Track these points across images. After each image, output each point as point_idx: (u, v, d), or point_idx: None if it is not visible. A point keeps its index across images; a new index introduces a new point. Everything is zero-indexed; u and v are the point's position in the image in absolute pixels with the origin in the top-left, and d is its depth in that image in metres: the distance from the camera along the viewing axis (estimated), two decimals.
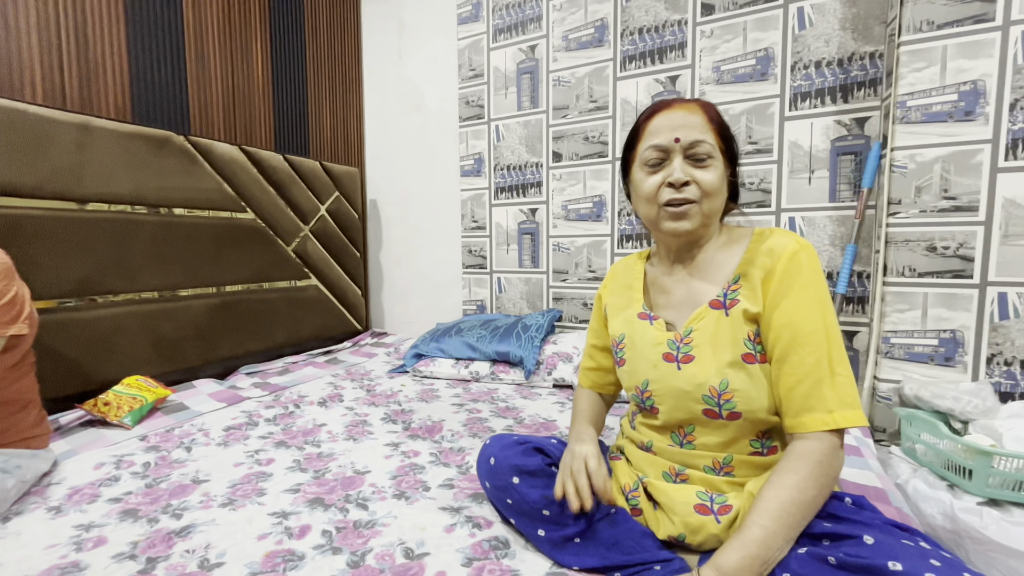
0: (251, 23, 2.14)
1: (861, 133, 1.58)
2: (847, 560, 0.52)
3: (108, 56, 1.66)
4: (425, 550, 0.78)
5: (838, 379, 0.64)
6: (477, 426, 1.33)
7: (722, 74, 1.77)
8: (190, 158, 1.74)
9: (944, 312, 1.31)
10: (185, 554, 0.78)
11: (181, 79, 1.88)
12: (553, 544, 0.73)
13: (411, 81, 2.54)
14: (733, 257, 0.73)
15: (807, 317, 0.65)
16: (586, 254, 2.09)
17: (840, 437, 0.63)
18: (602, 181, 2.04)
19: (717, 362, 0.69)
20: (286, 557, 0.77)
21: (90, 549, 0.79)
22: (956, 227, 1.29)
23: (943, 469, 1.09)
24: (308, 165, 2.24)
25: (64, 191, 1.41)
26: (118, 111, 1.69)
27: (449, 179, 2.45)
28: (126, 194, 1.55)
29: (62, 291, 1.41)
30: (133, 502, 0.94)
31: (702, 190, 0.70)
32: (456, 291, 2.48)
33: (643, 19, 1.90)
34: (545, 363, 1.74)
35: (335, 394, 1.62)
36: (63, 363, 1.40)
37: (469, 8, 2.28)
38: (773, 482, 0.62)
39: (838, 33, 1.59)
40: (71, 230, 1.42)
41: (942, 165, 1.29)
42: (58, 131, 1.39)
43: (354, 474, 1.05)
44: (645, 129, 0.74)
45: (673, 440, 0.75)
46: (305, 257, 2.23)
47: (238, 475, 1.05)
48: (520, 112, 2.19)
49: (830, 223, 1.64)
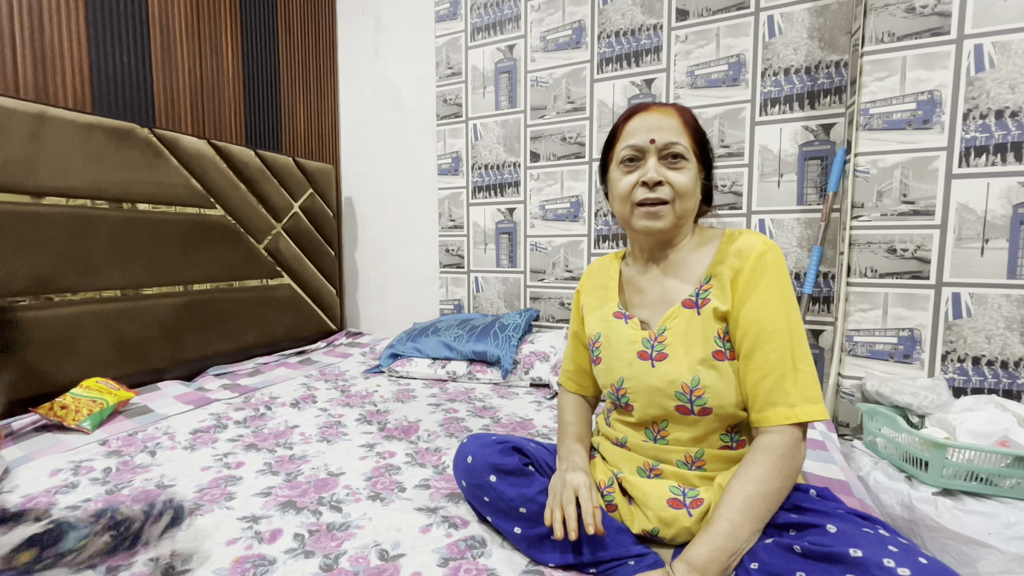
0: (221, 13, 2.08)
1: (827, 139, 1.64)
2: (811, 548, 0.54)
3: (66, 43, 1.58)
4: (400, 551, 0.77)
5: (800, 375, 0.66)
6: (454, 426, 1.33)
7: (696, 78, 1.81)
8: (154, 151, 1.67)
9: (903, 311, 1.37)
10: (148, 563, 0.75)
11: (146, 69, 1.81)
12: (529, 542, 0.74)
13: (388, 78, 2.51)
14: (705, 257, 0.75)
15: (772, 314, 0.67)
16: (563, 254, 2.11)
17: (803, 430, 0.66)
18: (579, 182, 2.05)
19: (689, 360, 0.71)
20: (256, 562, 0.75)
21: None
22: (914, 230, 1.35)
23: (901, 461, 1.14)
24: (281, 161, 2.19)
25: (17, 183, 1.34)
26: (77, 101, 1.61)
27: (426, 178, 2.43)
28: (84, 187, 1.48)
29: (14, 289, 1.34)
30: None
31: (675, 191, 0.72)
32: (433, 290, 2.46)
33: (620, 22, 1.92)
34: (522, 362, 1.74)
35: (308, 395, 1.59)
36: (16, 365, 1.33)
37: (447, 6, 2.27)
38: (739, 475, 0.64)
39: (806, 42, 1.64)
40: (24, 224, 1.35)
41: (901, 171, 1.35)
42: (10, 120, 1.32)
43: (328, 476, 1.03)
44: (623, 130, 0.76)
45: (647, 436, 0.77)
46: (277, 255, 2.18)
47: (206, 479, 1.02)
48: (498, 112, 2.19)
49: (798, 225, 1.70)
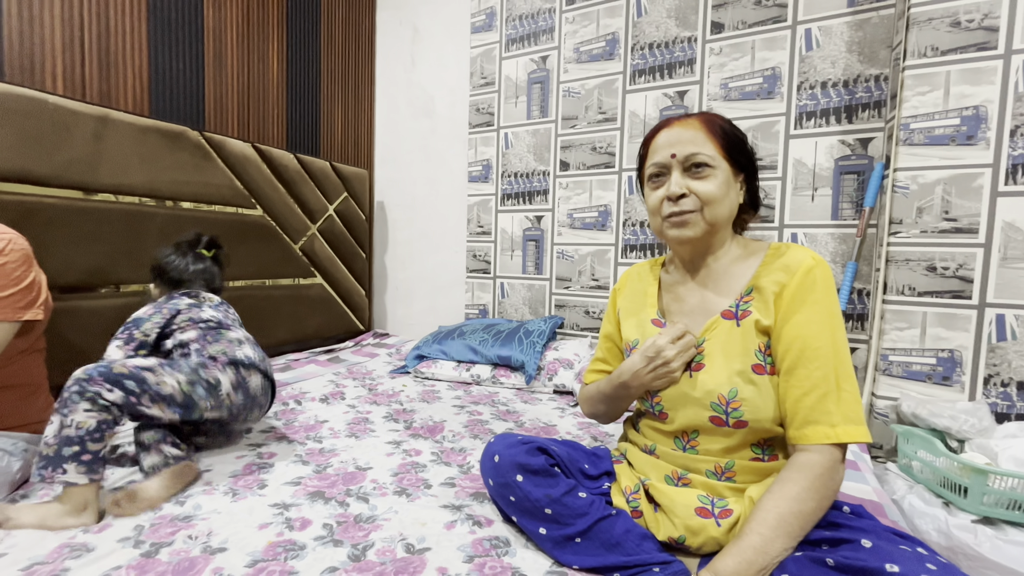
0: (269, 25, 2.18)
1: (864, 153, 1.61)
2: (844, 562, 0.53)
3: (129, 50, 1.69)
4: (426, 545, 0.79)
5: (844, 394, 0.65)
6: (478, 428, 1.34)
7: (730, 91, 1.80)
8: (203, 153, 1.76)
9: (943, 332, 1.32)
10: (188, 540, 0.79)
11: (199, 76, 1.91)
12: (554, 543, 0.74)
13: (422, 87, 2.58)
14: (747, 270, 0.75)
15: (817, 332, 0.66)
16: (590, 263, 2.11)
17: (842, 452, 0.64)
18: (608, 191, 2.06)
19: (727, 371, 0.71)
20: (287, 547, 0.78)
21: (96, 532, 0.80)
22: (956, 248, 1.31)
23: (939, 486, 1.10)
24: (318, 165, 2.27)
25: (80, 181, 1.43)
26: (136, 105, 1.72)
27: (456, 184, 2.48)
28: (139, 186, 1.57)
29: (73, 279, 1.42)
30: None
31: (701, 199, 0.72)
32: (459, 295, 2.50)
33: (654, 35, 1.93)
34: (546, 369, 1.75)
35: (337, 392, 1.63)
36: (71, 350, 1.41)
37: (483, 18, 2.33)
38: (773, 491, 0.63)
39: (844, 55, 1.62)
40: (84, 219, 1.44)
41: (943, 187, 1.32)
42: (77, 122, 1.41)
43: (355, 470, 1.06)
44: (649, 148, 0.79)
45: (677, 445, 0.77)
46: (312, 256, 2.25)
47: (239, 466, 1.06)
48: (529, 121, 2.23)
49: (832, 240, 1.67)
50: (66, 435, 0.84)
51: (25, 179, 1.32)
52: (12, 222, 1.15)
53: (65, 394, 0.87)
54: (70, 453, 0.84)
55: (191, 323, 1.13)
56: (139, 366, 0.95)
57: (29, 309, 0.96)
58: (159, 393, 0.95)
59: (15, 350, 0.99)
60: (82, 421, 0.85)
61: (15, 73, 1.43)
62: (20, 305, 0.94)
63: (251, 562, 0.74)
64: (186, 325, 1.12)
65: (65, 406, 0.86)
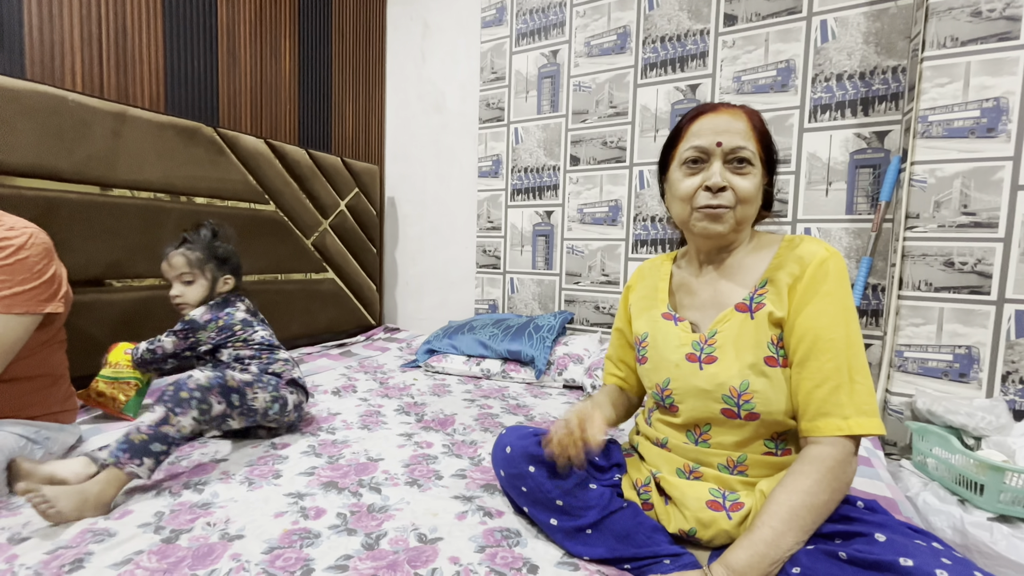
0: (281, 22, 2.20)
1: (881, 146, 1.58)
2: (857, 556, 0.53)
3: (145, 48, 1.71)
4: (438, 535, 0.80)
5: (856, 386, 0.64)
6: (488, 421, 1.35)
7: (743, 84, 1.78)
8: (217, 149, 1.78)
9: (960, 328, 1.30)
10: (207, 527, 0.81)
11: (213, 72, 1.93)
12: (565, 533, 0.75)
13: (432, 82, 2.58)
14: (761, 262, 0.74)
15: (830, 323, 0.65)
16: (600, 258, 2.11)
17: (855, 444, 0.64)
18: (619, 186, 2.05)
19: (739, 363, 0.70)
20: (302, 535, 0.80)
21: (117, 519, 0.82)
22: (975, 243, 1.28)
23: (954, 484, 1.08)
24: (330, 161, 2.29)
25: (99, 176, 1.46)
26: (152, 101, 1.74)
27: (466, 179, 2.48)
28: (155, 181, 1.60)
29: (92, 273, 1.45)
30: (155, 478, 0.97)
31: (738, 197, 0.71)
32: (469, 290, 2.51)
33: (665, 28, 1.92)
34: (556, 363, 1.76)
35: (349, 385, 1.65)
36: (90, 342, 1.44)
37: (493, 12, 2.32)
38: (785, 484, 0.62)
39: (861, 47, 1.59)
40: (101, 214, 1.47)
41: (962, 181, 1.29)
42: (96, 118, 1.44)
43: (367, 461, 1.07)
44: (688, 130, 0.74)
45: (689, 438, 0.77)
46: (324, 251, 2.27)
47: (255, 456, 1.08)
48: (540, 116, 2.22)
49: (846, 235, 1.65)
50: (164, 432, 0.88)
51: (48, 175, 1.35)
52: (35, 217, 1.18)
53: (184, 393, 0.91)
54: (158, 450, 0.88)
55: (245, 344, 1.22)
56: (244, 381, 1.03)
57: (51, 302, 0.98)
58: (250, 407, 1.04)
59: (37, 342, 1.01)
60: (185, 425, 0.90)
61: (36, 71, 1.46)
62: (42, 298, 0.97)
63: (268, 549, 0.75)
64: (240, 345, 1.21)
65: (179, 404, 0.90)
